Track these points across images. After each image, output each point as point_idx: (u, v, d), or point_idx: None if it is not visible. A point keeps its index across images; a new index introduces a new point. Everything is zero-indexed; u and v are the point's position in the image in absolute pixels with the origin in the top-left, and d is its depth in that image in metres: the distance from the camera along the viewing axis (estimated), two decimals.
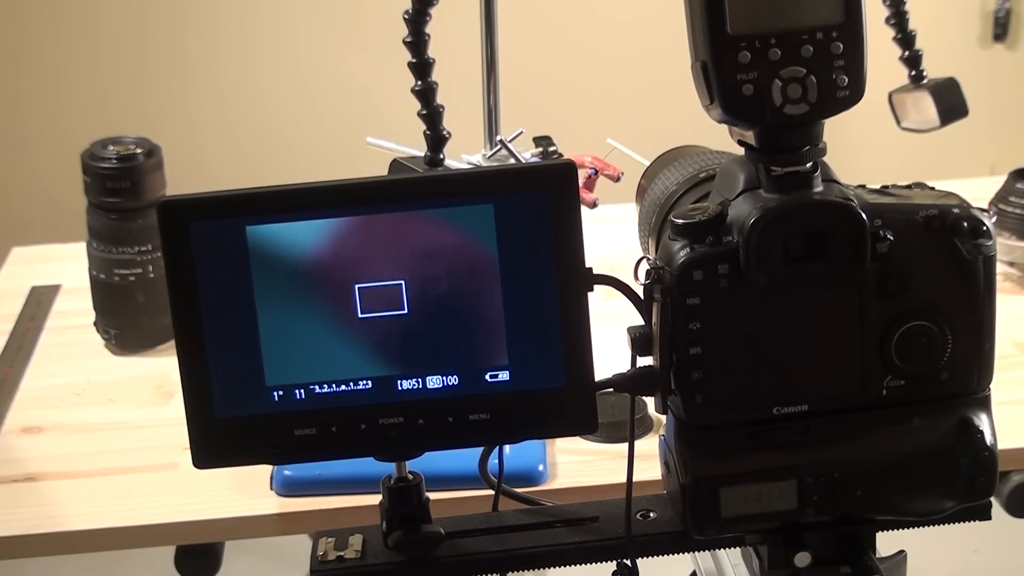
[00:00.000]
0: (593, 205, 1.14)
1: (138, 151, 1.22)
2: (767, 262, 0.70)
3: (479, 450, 0.85)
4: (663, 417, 0.76)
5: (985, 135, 2.72)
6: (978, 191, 1.30)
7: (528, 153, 1.16)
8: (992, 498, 0.77)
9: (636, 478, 0.78)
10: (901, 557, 0.81)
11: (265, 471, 1.04)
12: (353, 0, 2.70)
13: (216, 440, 0.72)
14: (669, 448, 0.76)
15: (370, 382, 0.72)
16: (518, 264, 0.71)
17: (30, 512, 1.03)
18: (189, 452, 0.73)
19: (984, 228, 0.72)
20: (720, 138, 0.78)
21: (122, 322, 1.25)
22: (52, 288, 1.39)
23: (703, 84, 0.70)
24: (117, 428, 1.15)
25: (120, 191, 1.21)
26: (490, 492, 0.86)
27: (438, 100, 0.95)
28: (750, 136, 0.72)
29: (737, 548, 0.80)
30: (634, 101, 2.75)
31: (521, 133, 1.15)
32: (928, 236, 0.72)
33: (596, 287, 0.72)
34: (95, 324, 1.27)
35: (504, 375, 0.73)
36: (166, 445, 1.10)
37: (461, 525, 0.79)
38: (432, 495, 0.77)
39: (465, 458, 0.84)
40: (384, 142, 1.16)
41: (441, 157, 0.97)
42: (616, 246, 0.99)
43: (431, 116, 0.95)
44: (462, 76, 1.28)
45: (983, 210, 0.74)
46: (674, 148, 0.90)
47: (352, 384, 0.72)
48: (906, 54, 1.24)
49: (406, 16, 0.94)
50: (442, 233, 0.71)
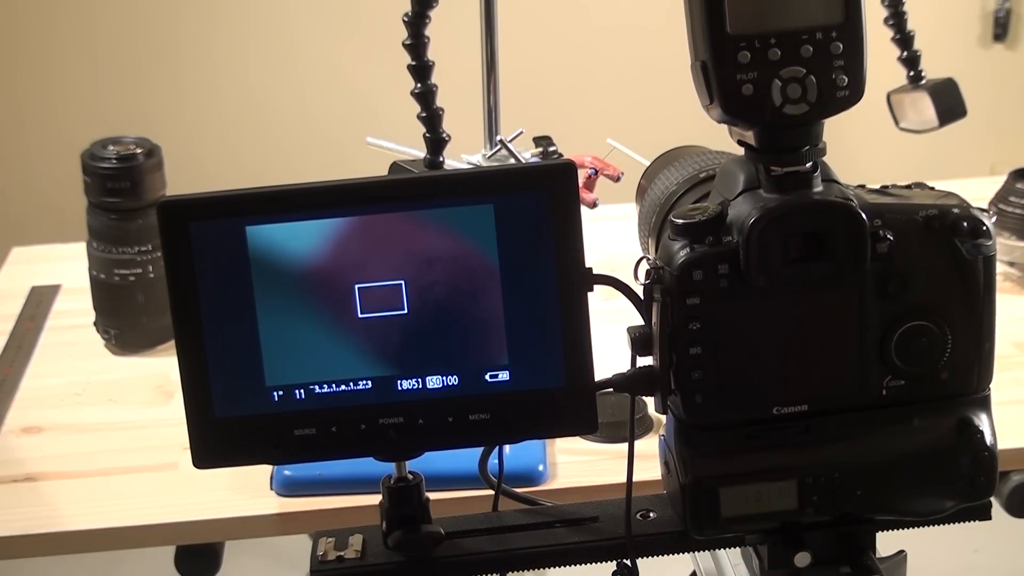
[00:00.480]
0: (593, 205, 1.14)
1: (138, 151, 1.22)
2: (767, 262, 0.70)
3: (479, 450, 0.85)
4: (663, 417, 0.76)
5: (985, 135, 2.72)
6: (978, 191, 1.30)
7: (528, 153, 1.16)
8: (992, 498, 0.77)
9: (636, 478, 0.78)
10: (901, 557, 0.81)
11: (265, 471, 1.04)
12: (353, 1, 2.70)
13: (216, 440, 0.72)
14: (669, 448, 0.76)
15: (370, 382, 0.72)
16: (518, 264, 0.71)
17: (30, 512, 1.03)
18: (189, 452, 0.73)
19: (984, 228, 0.72)
20: (720, 138, 0.78)
21: (122, 322, 1.25)
22: (52, 288, 1.39)
23: (703, 84, 0.70)
24: (117, 428, 1.15)
25: (120, 191, 1.21)
26: (490, 492, 0.86)
27: (438, 102, 0.95)
28: (750, 136, 0.72)
29: (737, 548, 0.80)
30: (634, 101, 2.75)
31: (521, 133, 1.15)
32: (928, 236, 0.72)
33: (596, 287, 0.72)
34: (95, 324, 1.27)
35: (504, 375, 0.73)
36: (166, 445, 1.10)
37: (461, 525, 0.79)
38: (432, 495, 0.77)
39: (465, 458, 0.85)
40: (384, 142, 1.16)
41: (441, 160, 0.97)
42: (616, 246, 0.99)
43: (431, 118, 0.95)
44: (462, 77, 1.28)
45: (983, 210, 0.74)
46: (674, 148, 0.90)
47: (352, 384, 0.72)
48: (904, 55, 1.24)
49: (405, 18, 0.94)
50: (442, 233, 0.71)
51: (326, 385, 0.72)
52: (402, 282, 0.71)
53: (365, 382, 0.72)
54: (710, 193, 0.76)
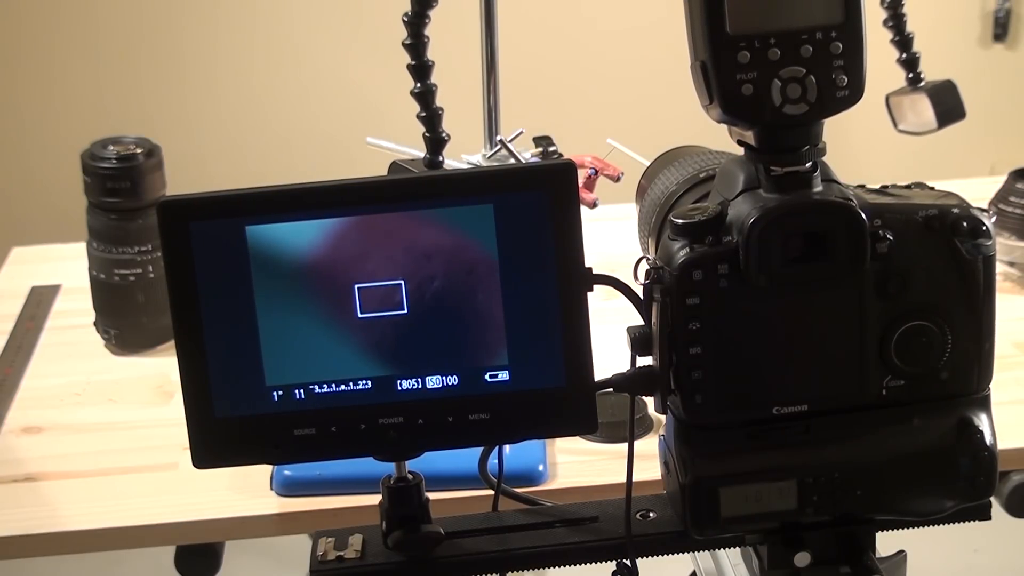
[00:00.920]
0: (593, 205, 1.14)
1: (138, 151, 1.22)
2: (767, 262, 0.70)
3: (479, 450, 0.85)
4: (663, 417, 0.76)
5: (985, 135, 2.72)
6: (978, 191, 1.30)
7: (528, 153, 1.16)
8: (992, 498, 0.77)
9: (636, 478, 0.78)
10: (901, 557, 0.81)
11: (265, 471, 1.04)
12: (353, 1, 2.70)
13: (216, 440, 0.72)
14: (669, 448, 0.76)
15: (370, 382, 0.72)
16: (518, 264, 0.71)
17: (30, 512, 1.03)
18: (189, 452, 0.73)
19: (984, 228, 0.72)
20: (720, 138, 0.78)
21: (122, 322, 1.25)
22: (52, 288, 1.39)
23: (702, 84, 0.70)
24: (117, 428, 1.14)
25: (120, 191, 1.21)
26: (490, 492, 0.86)
27: (437, 102, 0.95)
28: (750, 136, 0.72)
29: (737, 548, 0.80)
30: (634, 101, 2.75)
31: (521, 133, 1.15)
32: (928, 236, 0.72)
33: (596, 287, 0.72)
34: (95, 324, 1.27)
35: (504, 375, 0.73)
36: (166, 445, 1.10)
37: (461, 525, 0.79)
38: (432, 495, 0.77)
39: (465, 458, 0.84)
40: (384, 142, 1.16)
41: (440, 159, 0.97)
42: (616, 246, 0.99)
43: (430, 118, 0.96)
44: (462, 76, 1.28)
45: (983, 210, 0.74)
46: (674, 148, 0.91)
47: (352, 384, 0.72)
48: (903, 56, 1.24)
49: (405, 18, 0.94)
50: (442, 233, 0.71)
51: (326, 385, 0.72)
52: (402, 282, 0.71)
53: (365, 382, 0.72)
54: (710, 193, 0.76)
